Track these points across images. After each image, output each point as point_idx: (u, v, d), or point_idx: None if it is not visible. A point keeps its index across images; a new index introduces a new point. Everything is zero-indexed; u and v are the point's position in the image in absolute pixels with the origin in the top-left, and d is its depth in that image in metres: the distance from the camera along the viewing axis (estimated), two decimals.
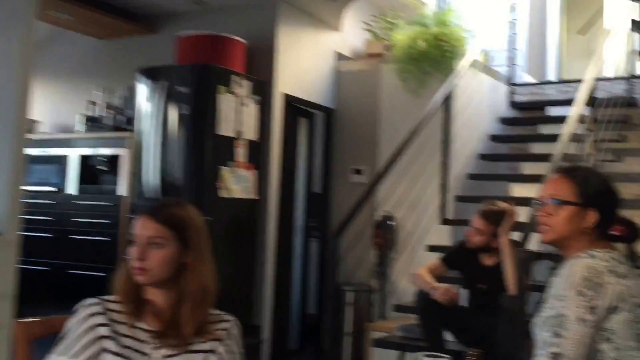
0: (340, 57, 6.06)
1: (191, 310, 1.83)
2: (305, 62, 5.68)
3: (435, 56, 5.50)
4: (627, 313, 1.85)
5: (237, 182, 4.85)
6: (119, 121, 5.65)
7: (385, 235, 5.54)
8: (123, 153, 5.33)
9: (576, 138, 4.84)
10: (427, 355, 1.44)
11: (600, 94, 5.41)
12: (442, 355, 1.49)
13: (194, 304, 1.84)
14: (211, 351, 1.85)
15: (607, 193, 2.04)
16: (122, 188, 5.30)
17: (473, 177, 5.66)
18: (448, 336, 4.01)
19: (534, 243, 3.78)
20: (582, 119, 4.91)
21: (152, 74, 4.85)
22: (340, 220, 4.49)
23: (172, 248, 1.84)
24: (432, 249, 4.86)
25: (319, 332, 5.40)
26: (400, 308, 4.88)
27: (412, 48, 5.56)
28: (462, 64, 5.43)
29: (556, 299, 1.87)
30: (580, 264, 1.90)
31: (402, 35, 5.73)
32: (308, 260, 6.14)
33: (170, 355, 1.82)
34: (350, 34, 6.16)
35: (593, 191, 2.00)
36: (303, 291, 6.05)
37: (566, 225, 1.97)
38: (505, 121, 6.37)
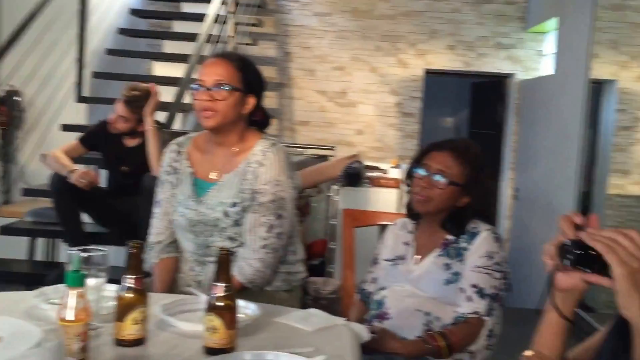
0: None
1: None
2: None
3: None
4: None
5: None
6: None
7: (10, 112, 4.97)
8: None
9: (219, 19, 4.83)
10: (82, 250, 1.27)
11: None
12: (98, 248, 1.33)
13: None
14: None
15: (261, 80, 2.12)
16: None
17: (112, 52, 5.33)
18: (85, 218, 3.81)
19: (179, 124, 3.74)
20: (224, 1, 4.90)
21: None
22: None
23: None
24: (67, 128, 4.49)
25: None
26: (31, 192, 4.46)
27: None
28: None
29: (272, 184, 1.98)
30: (282, 150, 2.05)
31: None
32: None
33: None
34: None
35: (252, 78, 2.06)
36: None
37: (231, 110, 1.99)
38: None
